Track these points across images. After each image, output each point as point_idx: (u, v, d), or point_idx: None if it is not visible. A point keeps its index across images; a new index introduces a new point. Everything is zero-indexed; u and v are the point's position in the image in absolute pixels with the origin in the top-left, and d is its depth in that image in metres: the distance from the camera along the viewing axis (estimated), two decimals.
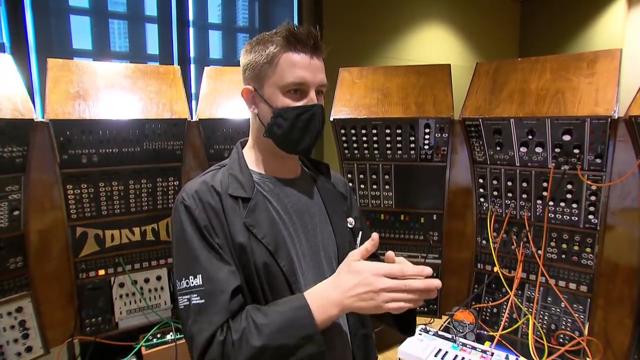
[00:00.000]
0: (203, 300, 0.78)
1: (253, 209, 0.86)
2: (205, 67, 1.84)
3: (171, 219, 0.88)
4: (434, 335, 1.58)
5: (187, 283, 0.80)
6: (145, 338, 1.59)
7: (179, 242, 0.84)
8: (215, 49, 3.65)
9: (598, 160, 1.39)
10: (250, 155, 0.96)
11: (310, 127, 0.88)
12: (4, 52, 2.38)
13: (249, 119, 0.96)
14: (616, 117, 1.30)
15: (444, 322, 1.72)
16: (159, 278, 1.72)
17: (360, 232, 1.02)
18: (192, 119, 1.70)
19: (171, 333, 1.62)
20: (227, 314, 0.78)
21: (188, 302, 0.79)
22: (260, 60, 0.86)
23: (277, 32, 0.86)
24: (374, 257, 0.83)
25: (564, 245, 1.53)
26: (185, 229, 0.83)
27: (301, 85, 0.86)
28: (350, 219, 1.02)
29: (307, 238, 0.92)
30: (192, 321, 0.78)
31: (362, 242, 1.04)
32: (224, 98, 1.76)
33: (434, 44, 4.29)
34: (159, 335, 1.62)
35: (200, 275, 0.79)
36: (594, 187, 1.43)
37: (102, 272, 1.61)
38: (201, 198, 0.84)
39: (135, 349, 1.55)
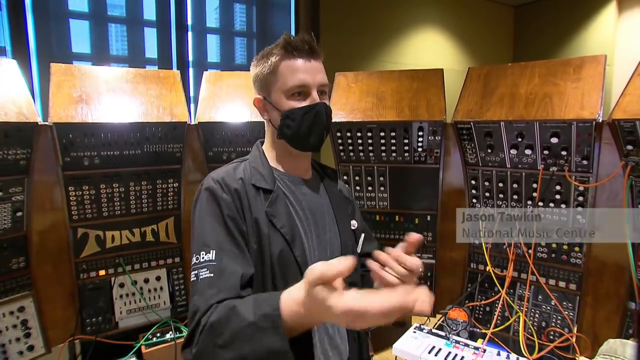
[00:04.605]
0: (212, 275, 0.78)
1: (274, 201, 0.92)
2: (205, 72, 1.88)
3: (193, 203, 0.91)
4: (427, 333, 1.62)
5: (199, 258, 0.81)
6: (145, 337, 1.62)
7: (198, 220, 0.86)
8: (213, 52, 3.69)
9: (585, 162, 1.44)
10: (268, 154, 1.02)
11: (317, 123, 0.94)
12: (5, 56, 2.40)
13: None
14: (600, 121, 1.35)
15: (438, 321, 1.75)
16: (158, 278, 1.75)
17: (363, 234, 1.09)
18: (191, 122, 1.73)
19: (170, 332, 1.65)
20: (234, 293, 0.77)
21: (196, 278, 0.80)
22: (264, 71, 0.94)
23: (277, 44, 0.94)
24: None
25: (554, 245, 1.58)
26: (206, 209, 0.86)
27: (302, 87, 0.93)
28: (354, 222, 1.09)
29: (317, 235, 0.98)
30: (199, 294, 0.77)
31: (365, 243, 1.11)
32: (222, 102, 1.80)
33: (429, 49, 4.35)
34: (158, 335, 1.64)
35: (213, 252, 0.81)
36: (581, 188, 1.48)
37: (102, 272, 1.64)
38: (227, 183, 0.89)
39: (135, 348, 1.57)
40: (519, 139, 1.53)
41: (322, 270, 0.59)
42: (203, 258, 0.80)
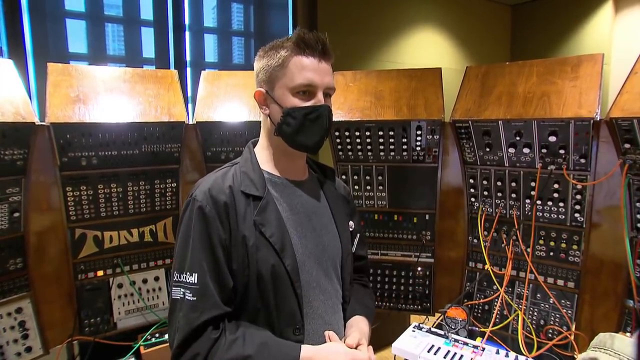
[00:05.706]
0: (195, 299, 0.83)
1: (264, 208, 0.90)
2: (202, 71, 1.88)
3: (181, 212, 0.92)
4: (427, 332, 1.62)
5: (184, 278, 0.84)
6: (144, 338, 1.61)
7: (184, 237, 0.88)
8: (211, 52, 3.68)
9: (582, 161, 1.44)
10: (261, 155, 1.00)
11: (317, 125, 0.92)
12: (2, 56, 2.39)
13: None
14: (598, 119, 1.35)
15: (437, 319, 1.75)
16: (156, 279, 1.75)
17: (358, 235, 1.08)
18: (189, 122, 1.73)
19: None
20: (218, 310, 0.83)
21: (182, 296, 0.83)
22: (272, 64, 0.91)
23: (289, 38, 0.91)
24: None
25: (552, 243, 1.58)
26: (192, 226, 0.86)
27: (309, 87, 0.90)
28: (351, 222, 1.09)
29: (313, 237, 0.97)
30: (182, 314, 0.82)
31: (357, 245, 1.11)
32: (220, 101, 1.79)
33: (427, 48, 4.35)
34: (157, 335, 1.64)
35: (196, 275, 0.84)
36: (579, 186, 1.48)
37: (100, 273, 1.63)
38: (215, 197, 0.87)
39: (134, 349, 1.57)
40: (517, 138, 1.53)
41: None
42: (188, 279, 0.84)
